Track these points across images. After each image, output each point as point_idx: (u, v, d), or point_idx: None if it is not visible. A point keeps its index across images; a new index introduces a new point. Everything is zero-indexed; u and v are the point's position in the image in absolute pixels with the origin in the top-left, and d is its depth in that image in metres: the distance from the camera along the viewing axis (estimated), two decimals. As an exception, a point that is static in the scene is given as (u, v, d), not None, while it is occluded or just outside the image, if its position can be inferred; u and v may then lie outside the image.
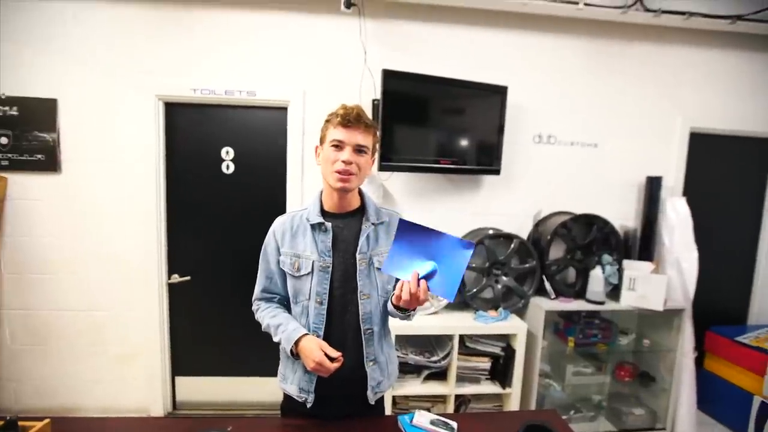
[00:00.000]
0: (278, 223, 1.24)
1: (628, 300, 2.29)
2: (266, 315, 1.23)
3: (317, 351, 1.07)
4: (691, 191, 2.58)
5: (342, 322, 1.19)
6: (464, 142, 2.32)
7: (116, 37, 2.17)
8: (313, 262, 1.17)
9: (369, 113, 2.19)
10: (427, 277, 1.03)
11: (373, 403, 1.25)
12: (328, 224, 1.18)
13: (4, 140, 2.15)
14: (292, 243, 1.19)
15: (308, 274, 1.17)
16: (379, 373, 1.24)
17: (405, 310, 1.12)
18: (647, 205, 2.50)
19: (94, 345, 2.33)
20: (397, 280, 1.08)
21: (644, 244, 2.48)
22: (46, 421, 1.10)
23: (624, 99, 2.51)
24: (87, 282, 2.29)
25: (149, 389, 2.38)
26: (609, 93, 2.50)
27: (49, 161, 2.19)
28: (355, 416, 1.24)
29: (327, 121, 1.16)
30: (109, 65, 2.18)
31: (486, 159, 2.34)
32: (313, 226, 1.18)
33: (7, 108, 2.14)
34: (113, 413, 2.36)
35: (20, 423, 1.06)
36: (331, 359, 1.07)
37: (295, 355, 1.13)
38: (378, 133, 1.25)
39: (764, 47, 2.55)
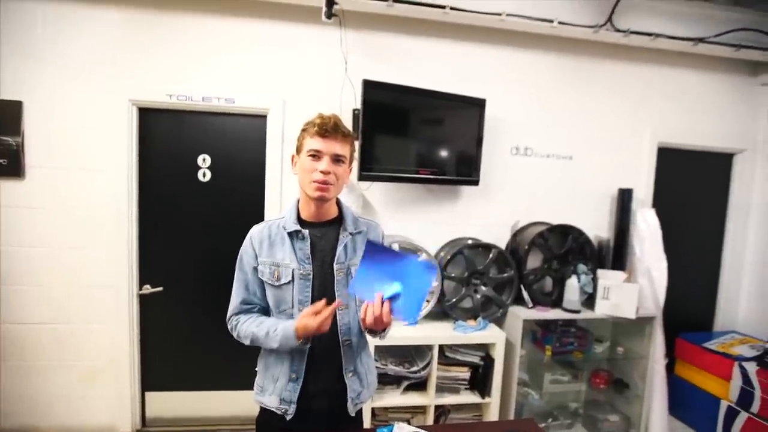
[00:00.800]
0: (255, 232, 1.21)
1: (602, 308, 2.34)
2: (249, 325, 1.16)
3: (311, 320, 1.05)
4: (659, 203, 2.68)
5: (322, 333, 1.17)
6: (444, 153, 2.35)
7: (88, 39, 2.11)
8: (293, 270, 1.15)
9: (349, 123, 2.21)
10: (392, 298, 1.04)
11: (353, 415, 1.23)
12: (305, 231, 1.16)
13: (-37, 144, 2.04)
14: (270, 252, 1.17)
15: (289, 282, 1.15)
16: (359, 384, 1.22)
17: (374, 332, 1.12)
18: (619, 217, 2.58)
19: (58, 360, 2.21)
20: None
21: (617, 253, 2.56)
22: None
23: (597, 113, 2.61)
24: (52, 293, 2.17)
25: (117, 406, 2.26)
26: (583, 107, 2.59)
27: (11, 166, 2.08)
28: (334, 429, 1.21)
29: (304, 130, 1.15)
30: (80, 68, 2.11)
31: (465, 170, 2.38)
32: (290, 234, 1.16)
33: (-33, 110, 2.04)
34: (76, 433, 2.23)
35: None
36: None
37: (303, 341, 1.10)
38: (355, 142, 1.25)
39: (724, 68, 2.71)
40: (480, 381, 2.19)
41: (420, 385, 2.16)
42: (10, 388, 2.19)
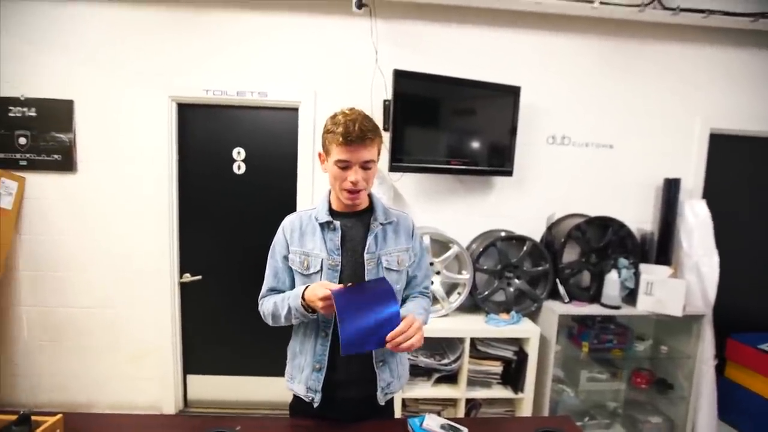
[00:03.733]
0: (287, 222, 1.23)
1: (645, 305, 2.23)
2: (269, 300, 1.20)
3: (319, 288, 1.04)
4: (710, 194, 2.50)
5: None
6: (476, 143, 2.29)
7: (131, 38, 2.21)
8: (322, 260, 1.16)
9: (380, 113, 2.20)
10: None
11: (383, 404, 1.23)
12: (337, 222, 1.17)
13: (22, 141, 2.20)
14: (301, 241, 1.19)
15: (317, 272, 1.16)
16: (389, 374, 1.23)
17: None
18: (665, 208, 2.43)
19: (107, 342, 2.36)
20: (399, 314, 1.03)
21: (662, 247, 2.42)
22: (59, 416, 1.11)
23: (641, 99, 2.45)
24: (101, 280, 2.32)
25: (161, 387, 2.40)
26: (625, 93, 2.44)
27: (65, 161, 2.23)
28: (365, 418, 1.23)
29: (329, 131, 1.10)
30: (124, 67, 2.21)
31: (498, 160, 2.31)
32: (321, 225, 1.18)
33: (25, 109, 2.19)
34: (126, 410, 2.38)
35: (33, 418, 1.07)
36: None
37: (309, 309, 1.09)
38: (385, 133, 1.23)
39: (787, 46, 2.47)
40: (513, 376, 2.15)
41: (451, 378, 2.15)
42: (67, 366, 2.37)
